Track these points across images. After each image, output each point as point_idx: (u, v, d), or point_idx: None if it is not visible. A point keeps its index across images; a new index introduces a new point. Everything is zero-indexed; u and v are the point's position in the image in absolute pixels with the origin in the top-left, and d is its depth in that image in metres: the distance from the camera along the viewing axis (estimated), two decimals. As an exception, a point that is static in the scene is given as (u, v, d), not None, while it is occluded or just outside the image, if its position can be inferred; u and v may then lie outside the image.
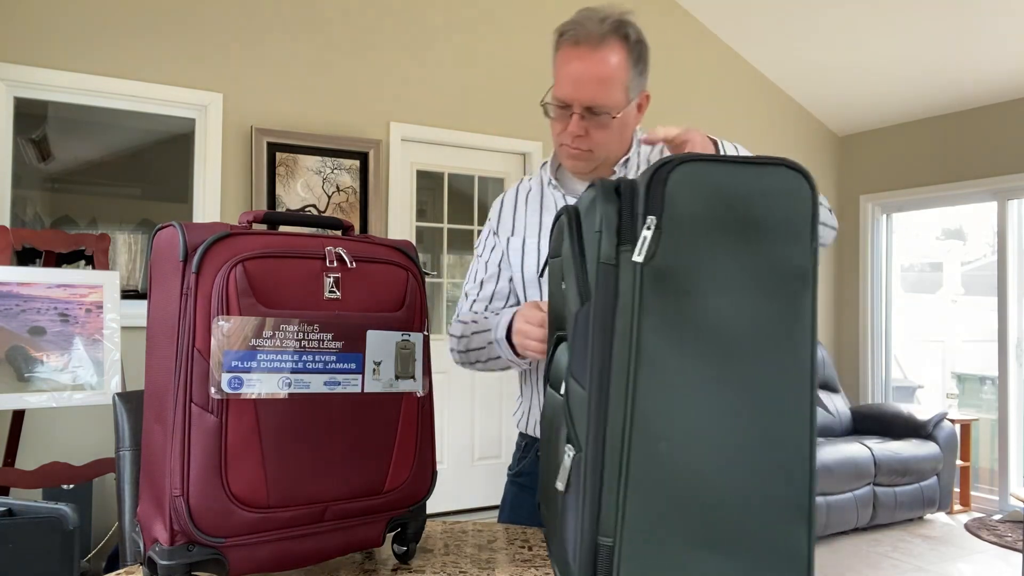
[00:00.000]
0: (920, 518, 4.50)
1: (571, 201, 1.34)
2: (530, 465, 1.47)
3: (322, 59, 3.70)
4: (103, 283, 2.52)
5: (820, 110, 5.40)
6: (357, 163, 3.75)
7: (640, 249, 0.77)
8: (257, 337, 0.86)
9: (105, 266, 2.67)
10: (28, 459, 2.89)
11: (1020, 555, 3.82)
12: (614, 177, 1.30)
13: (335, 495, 0.92)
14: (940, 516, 4.58)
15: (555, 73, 1.28)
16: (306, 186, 3.61)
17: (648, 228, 0.78)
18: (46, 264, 2.63)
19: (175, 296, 0.86)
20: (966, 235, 5.56)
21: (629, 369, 0.77)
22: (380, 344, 0.95)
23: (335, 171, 3.69)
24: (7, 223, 2.98)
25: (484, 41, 4.15)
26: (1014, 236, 4.72)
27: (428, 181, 4.09)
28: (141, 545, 0.90)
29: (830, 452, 4.10)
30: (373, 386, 0.95)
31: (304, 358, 0.89)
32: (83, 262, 2.99)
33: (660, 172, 0.78)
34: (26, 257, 2.96)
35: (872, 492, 4.20)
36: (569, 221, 0.89)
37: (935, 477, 4.44)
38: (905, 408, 4.70)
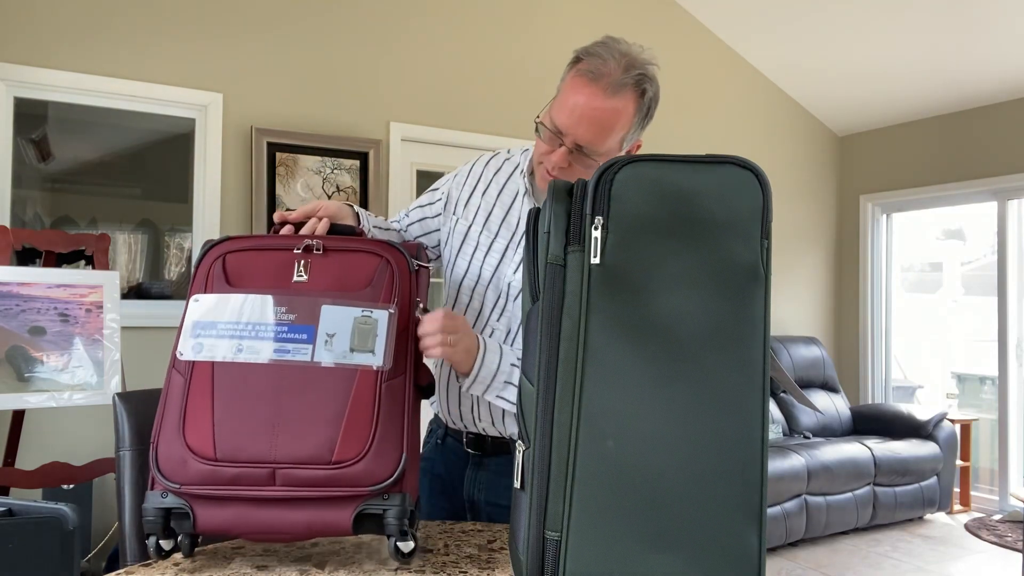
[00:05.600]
0: (920, 518, 4.50)
1: None
2: (431, 451, 1.46)
3: (322, 59, 3.70)
4: (103, 283, 2.52)
5: (820, 110, 5.40)
6: (357, 163, 3.75)
7: (595, 251, 0.77)
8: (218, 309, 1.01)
9: (105, 266, 2.67)
10: (28, 459, 2.89)
11: (1020, 555, 3.82)
12: None
13: (279, 457, 0.96)
14: (940, 516, 4.58)
15: (559, 94, 1.22)
16: (306, 186, 3.61)
17: (596, 228, 0.78)
18: (46, 264, 2.63)
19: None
20: (966, 235, 5.56)
21: (576, 367, 0.78)
22: (335, 319, 1.02)
23: (335, 171, 3.69)
24: (7, 223, 2.98)
25: (484, 41, 4.15)
26: (1014, 236, 4.72)
27: (428, 181, 4.10)
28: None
29: (830, 452, 4.10)
30: (324, 356, 1.00)
31: (257, 328, 1.00)
32: (83, 262, 2.99)
33: (607, 173, 0.79)
34: (26, 257, 2.96)
35: (872, 492, 4.20)
36: (528, 222, 0.90)
37: (935, 477, 4.44)
38: (905, 408, 4.70)
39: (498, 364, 1.20)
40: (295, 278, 1.04)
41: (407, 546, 1.00)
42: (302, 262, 1.05)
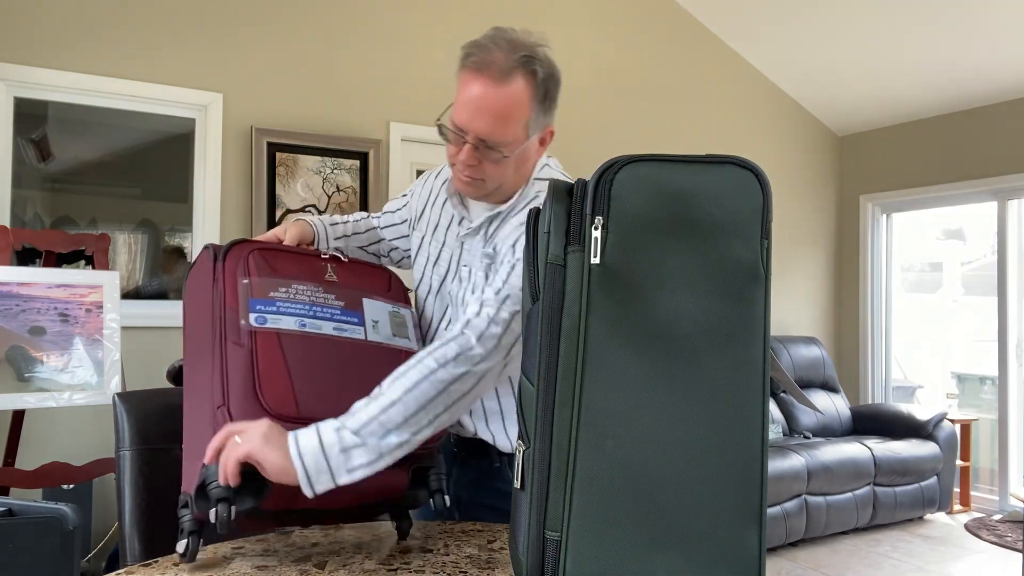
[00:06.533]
0: (920, 518, 4.50)
1: (470, 220, 1.31)
2: None
3: (322, 59, 3.70)
4: (103, 283, 2.52)
5: (820, 110, 5.40)
6: (357, 163, 3.75)
7: (595, 251, 0.78)
8: (274, 291, 1.11)
9: (105, 266, 2.67)
10: (28, 459, 2.89)
11: (1020, 555, 3.82)
12: (504, 207, 1.26)
13: None
14: (940, 516, 4.58)
15: (456, 94, 1.21)
16: (306, 186, 3.61)
17: (596, 228, 0.78)
18: (46, 264, 2.63)
19: (208, 285, 1.10)
20: (966, 235, 5.56)
21: (576, 367, 0.78)
22: (375, 310, 1.19)
23: (335, 171, 3.69)
24: (7, 223, 2.99)
25: (484, 41, 4.15)
26: (1014, 236, 4.72)
27: (428, 181, 4.09)
28: (190, 508, 1.00)
29: (830, 452, 4.10)
30: (374, 337, 1.16)
31: (314, 308, 1.12)
32: (83, 262, 2.99)
33: (607, 173, 0.79)
34: (26, 257, 2.96)
35: (872, 492, 4.20)
36: (528, 222, 0.90)
37: (935, 477, 4.44)
38: (905, 408, 4.70)
39: (319, 440, 0.98)
40: (326, 277, 1.18)
41: (448, 499, 1.12)
42: (330, 266, 1.19)
